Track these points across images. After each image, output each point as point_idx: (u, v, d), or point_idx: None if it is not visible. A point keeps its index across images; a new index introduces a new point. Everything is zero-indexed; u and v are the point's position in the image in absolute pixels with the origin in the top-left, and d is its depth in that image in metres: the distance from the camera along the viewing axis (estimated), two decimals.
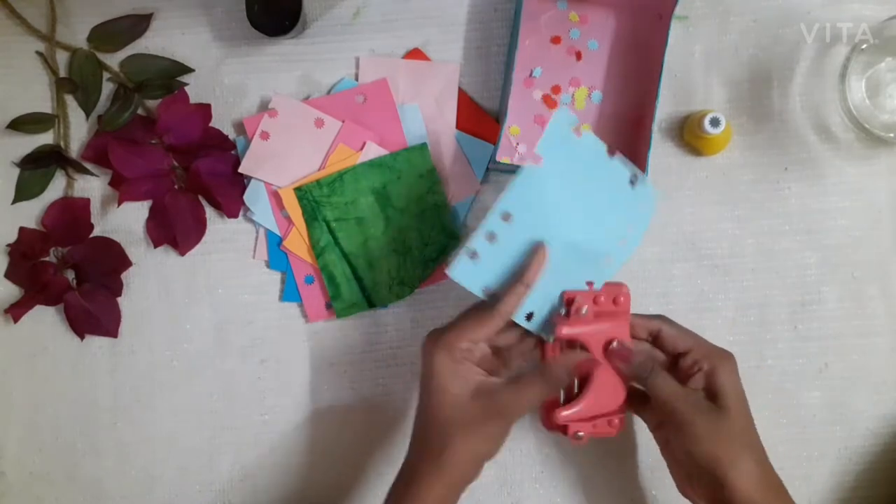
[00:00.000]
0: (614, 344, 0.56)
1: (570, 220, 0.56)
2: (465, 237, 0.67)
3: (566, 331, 0.55)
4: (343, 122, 0.66)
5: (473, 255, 0.54)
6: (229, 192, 0.66)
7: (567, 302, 0.57)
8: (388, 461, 0.67)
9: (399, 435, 0.68)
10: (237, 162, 0.66)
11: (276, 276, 0.67)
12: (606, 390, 0.56)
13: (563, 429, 0.56)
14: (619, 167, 0.58)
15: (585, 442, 0.56)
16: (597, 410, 0.56)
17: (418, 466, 0.54)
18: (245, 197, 0.66)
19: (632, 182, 0.58)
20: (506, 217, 0.54)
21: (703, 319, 0.67)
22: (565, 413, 0.55)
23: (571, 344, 0.57)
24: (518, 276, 0.55)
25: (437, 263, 0.67)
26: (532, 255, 0.55)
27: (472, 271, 0.55)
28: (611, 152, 0.57)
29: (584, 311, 0.56)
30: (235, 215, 0.66)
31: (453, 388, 0.53)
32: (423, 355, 0.55)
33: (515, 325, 0.56)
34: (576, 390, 0.57)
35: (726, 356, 0.56)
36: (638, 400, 0.58)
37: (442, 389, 0.53)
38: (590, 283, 0.57)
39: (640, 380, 0.55)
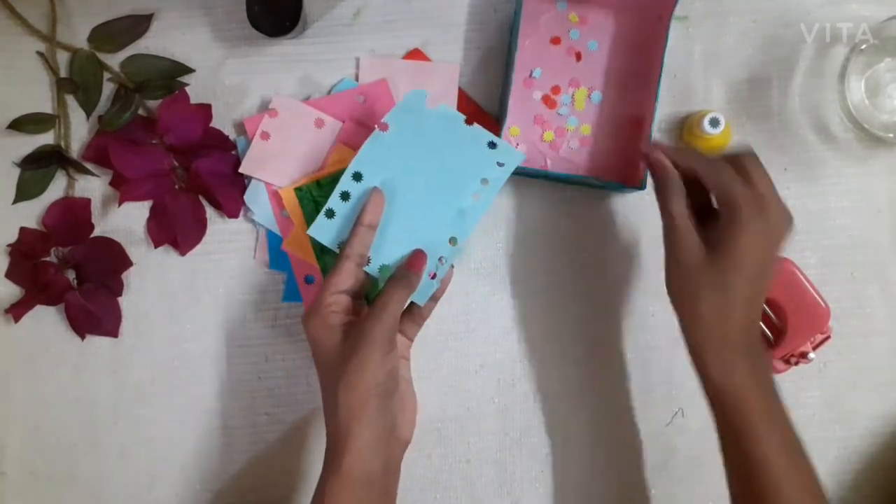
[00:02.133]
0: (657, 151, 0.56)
1: (419, 178, 0.58)
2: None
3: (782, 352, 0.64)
4: (343, 122, 0.66)
5: (330, 213, 0.58)
6: (230, 192, 0.66)
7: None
8: None
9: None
10: (237, 162, 0.66)
11: (276, 276, 0.68)
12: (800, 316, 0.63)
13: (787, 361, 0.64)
14: (479, 132, 0.59)
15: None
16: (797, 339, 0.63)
17: (330, 431, 0.53)
18: (245, 197, 0.66)
19: (491, 145, 0.59)
20: (356, 177, 0.58)
21: None
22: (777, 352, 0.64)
23: None
24: (358, 218, 0.56)
25: None
26: (368, 197, 0.57)
27: (328, 228, 0.58)
28: (469, 122, 0.59)
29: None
30: (236, 215, 0.67)
31: (327, 341, 0.53)
32: (306, 321, 0.54)
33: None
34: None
35: (737, 214, 0.52)
36: None
37: (320, 348, 0.53)
38: (441, 259, 0.58)
39: (658, 196, 0.56)
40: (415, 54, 0.67)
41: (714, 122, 0.63)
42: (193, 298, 0.67)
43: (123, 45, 0.67)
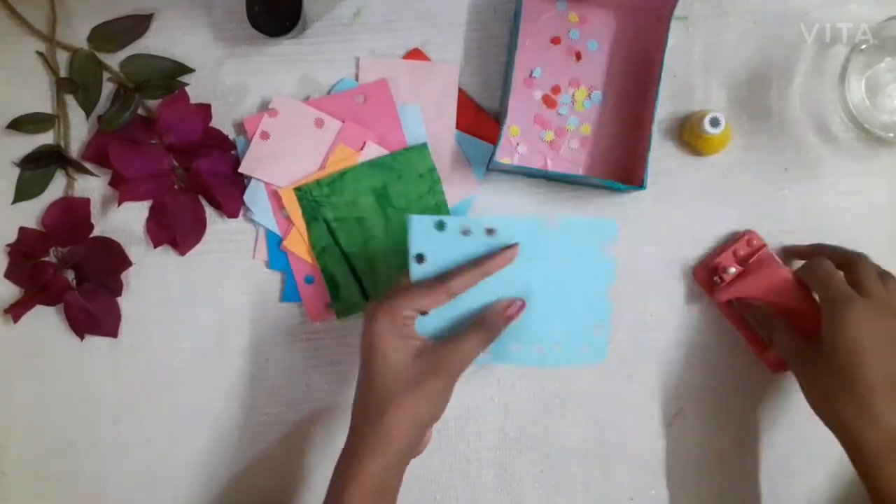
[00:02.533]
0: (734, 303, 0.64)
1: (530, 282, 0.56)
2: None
3: (725, 296, 0.64)
4: (343, 122, 0.66)
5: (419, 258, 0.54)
6: (229, 192, 0.66)
7: (714, 270, 0.65)
8: None
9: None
10: (237, 162, 0.66)
11: (276, 276, 0.67)
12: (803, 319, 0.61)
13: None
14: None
15: None
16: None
17: (359, 439, 0.52)
18: (245, 197, 0.66)
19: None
20: (418, 258, 0.54)
21: None
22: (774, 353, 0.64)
23: None
24: (478, 262, 0.54)
25: None
26: (502, 251, 0.54)
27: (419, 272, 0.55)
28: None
29: (731, 271, 0.64)
30: (235, 215, 0.66)
31: (394, 353, 0.52)
32: (365, 322, 0.53)
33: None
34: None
35: (835, 306, 0.56)
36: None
37: (382, 355, 0.52)
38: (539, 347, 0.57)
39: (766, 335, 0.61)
40: (415, 54, 0.67)
41: (714, 122, 0.63)
42: (193, 298, 0.67)
43: (123, 45, 0.67)
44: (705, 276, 0.66)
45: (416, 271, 0.54)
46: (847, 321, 0.55)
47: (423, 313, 0.54)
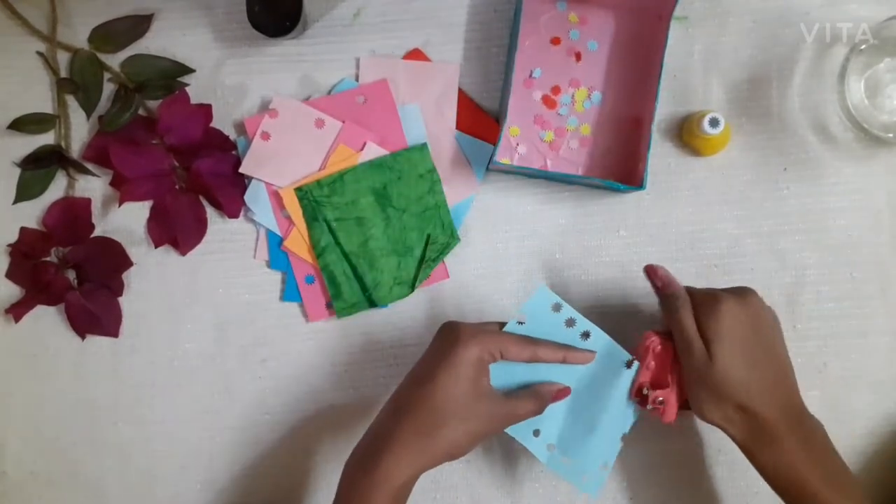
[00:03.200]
0: (658, 270, 0.61)
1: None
2: (465, 237, 0.68)
3: (672, 416, 0.59)
4: (343, 122, 0.66)
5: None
6: (230, 193, 0.66)
7: (642, 397, 0.59)
8: None
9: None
10: (238, 162, 0.66)
11: (276, 276, 0.68)
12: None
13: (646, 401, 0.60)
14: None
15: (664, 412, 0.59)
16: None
17: (402, 436, 0.53)
18: (245, 197, 0.66)
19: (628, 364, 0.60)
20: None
21: None
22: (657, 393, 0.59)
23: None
24: (565, 347, 0.58)
25: (436, 263, 0.67)
26: (585, 351, 0.59)
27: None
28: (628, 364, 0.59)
29: (660, 400, 0.59)
30: (236, 215, 0.67)
31: (467, 383, 0.54)
32: (453, 340, 0.54)
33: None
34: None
35: (709, 301, 0.56)
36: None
37: (457, 378, 0.53)
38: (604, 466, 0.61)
39: (670, 313, 0.58)
40: (415, 54, 0.67)
41: (714, 122, 0.63)
42: (193, 298, 0.67)
43: (124, 46, 0.67)
44: (642, 403, 0.59)
45: (512, 326, 0.58)
46: (725, 317, 0.55)
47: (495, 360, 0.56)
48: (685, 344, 0.56)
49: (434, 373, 0.54)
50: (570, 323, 0.59)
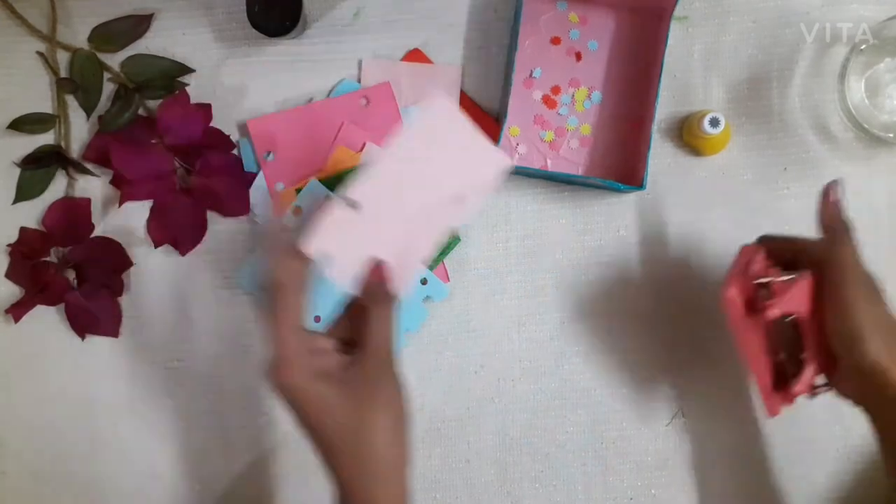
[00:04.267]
0: (835, 184, 0.56)
1: None
2: (466, 237, 0.68)
3: (778, 309, 0.53)
4: (342, 123, 0.66)
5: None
6: (230, 193, 0.66)
7: (758, 287, 0.54)
8: None
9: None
10: (238, 162, 0.66)
11: None
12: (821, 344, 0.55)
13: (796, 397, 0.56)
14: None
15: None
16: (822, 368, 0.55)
17: (353, 497, 0.48)
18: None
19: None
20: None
21: None
22: (800, 386, 0.55)
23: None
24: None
25: (437, 263, 0.67)
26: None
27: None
28: None
29: (791, 276, 0.54)
30: (237, 215, 0.67)
31: (330, 398, 0.47)
32: (277, 391, 0.47)
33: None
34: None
35: (844, 234, 0.53)
36: None
37: (321, 411, 0.47)
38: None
39: (839, 233, 0.54)
40: (415, 54, 0.67)
41: (714, 122, 0.63)
42: (193, 298, 0.67)
43: (124, 45, 0.67)
44: (745, 293, 0.55)
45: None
46: (832, 257, 0.53)
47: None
48: (858, 265, 0.51)
49: (309, 425, 0.48)
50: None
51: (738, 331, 0.55)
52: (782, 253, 0.57)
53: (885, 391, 0.50)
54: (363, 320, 0.49)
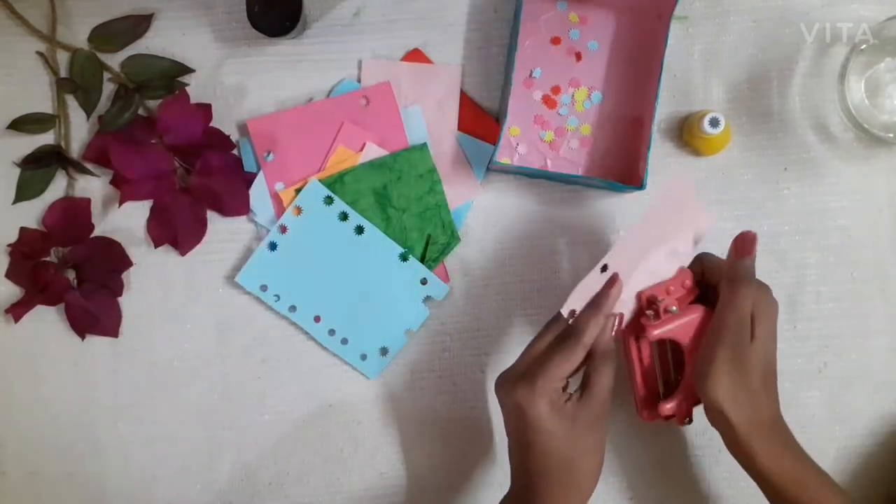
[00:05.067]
0: (748, 235, 0.57)
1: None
2: (466, 237, 0.68)
3: (657, 332, 0.57)
4: (342, 123, 0.66)
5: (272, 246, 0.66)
6: (230, 192, 0.66)
7: (648, 302, 0.58)
8: (389, 461, 0.67)
9: (400, 435, 0.68)
10: (238, 162, 0.66)
11: None
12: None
13: (669, 418, 0.60)
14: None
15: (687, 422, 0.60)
16: (693, 398, 0.59)
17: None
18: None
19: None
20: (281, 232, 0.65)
21: None
22: (669, 405, 0.59)
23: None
24: (595, 304, 0.56)
25: (437, 263, 0.67)
26: (607, 284, 0.56)
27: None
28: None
29: (674, 309, 0.58)
30: (237, 215, 0.67)
31: (560, 429, 0.54)
32: (516, 407, 0.54)
33: None
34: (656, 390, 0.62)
35: (737, 284, 0.55)
36: None
37: (549, 434, 0.54)
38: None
39: (738, 280, 0.55)
40: (415, 54, 0.67)
41: (714, 122, 0.63)
42: (193, 298, 0.67)
43: (123, 45, 0.67)
44: (636, 310, 0.60)
45: (287, 218, 0.64)
46: (732, 305, 0.55)
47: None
48: (737, 315, 0.54)
49: (528, 440, 0.54)
50: (344, 217, 0.65)
51: (621, 339, 0.60)
52: (711, 276, 0.59)
53: (728, 430, 0.55)
54: (591, 367, 0.56)
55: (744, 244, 0.56)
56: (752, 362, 0.54)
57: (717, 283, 0.57)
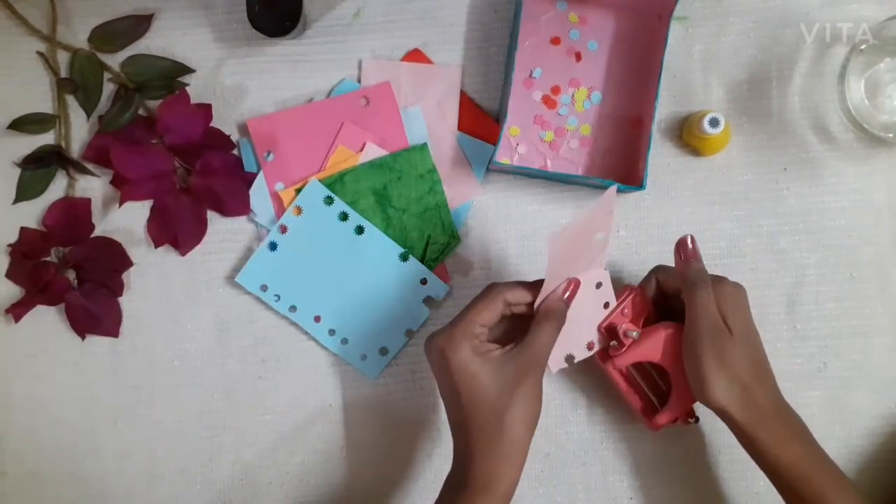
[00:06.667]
0: (686, 240, 0.59)
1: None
2: (466, 237, 0.68)
3: (622, 362, 0.60)
4: (342, 123, 0.66)
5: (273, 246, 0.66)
6: (230, 192, 0.66)
7: (609, 332, 0.60)
8: (389, 461, 0.67)
9: (400, 434, 0.68)
10: (238, 162, 0.66)
11: None
12: (683, 385, 0.59)
13: (672, 423, 0.62)
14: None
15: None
16: (685, 403, 0.61)
17: (481, 466, 0.53)
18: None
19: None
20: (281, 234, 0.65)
21: None
22: (663, 418, 0.61)
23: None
24: (532, 284, 0.57)
25: (437, 263, 0.67)
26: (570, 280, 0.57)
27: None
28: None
29: (633, 334, 0.59)
30: (237, 215, 0.67)
31: (484, 374, 0.53)
32: (439, 356, 0.54)
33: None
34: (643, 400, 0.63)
35: (719, 283, 0.57)
36: None
37: (472, 379, 0.53)
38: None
39: (694, 286, 0.57)
40: (415, 54, 0.67)
41: (714, 122, 0.63)
42: (193, 298, 0.67)
43: (124, 46, 0.67)
44: (602, 340, 0.61)
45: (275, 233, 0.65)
46: (701, 303, 0.56)
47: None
48: (707, 318, 0.55)
49: (455, 389, 0.54)
50: (344, 217, 0.65)
51: (602, 367, 0.62)
52: (670, 285, 0.60)
53: (735, 428, 0.56)
54: (533, 322, 0.55)
55: (685, 250, 0.59)
56: (737, 357, 0.55)
57: (676, 289, 0.59)
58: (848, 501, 0.54)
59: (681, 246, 0.59)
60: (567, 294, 0.57)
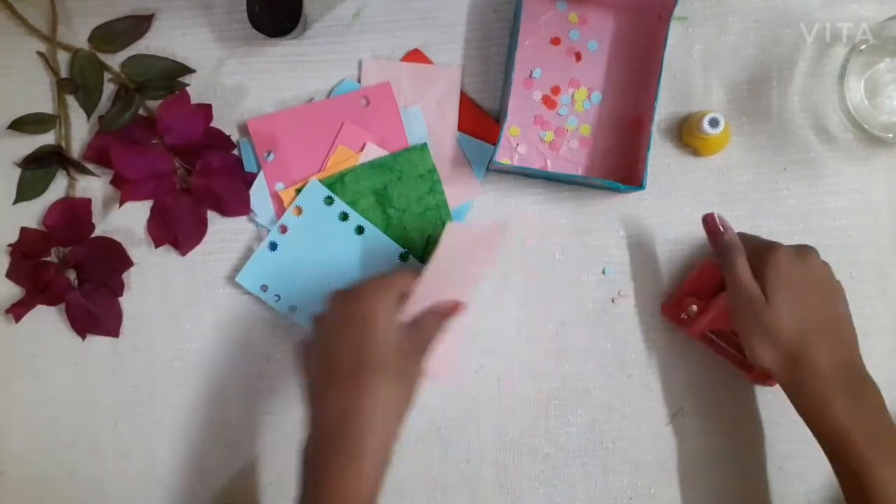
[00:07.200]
0: (707, 217, 0.61)
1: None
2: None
3: (696, 332, 0.65)
4: (342, 123, 0.66)
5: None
6: (230, 192, 0.66)
7: (679, 306, 0.65)
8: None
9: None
10: (238, 162, 0.66)
11: None
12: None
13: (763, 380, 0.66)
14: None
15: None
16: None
17: (352, 416, 0.52)
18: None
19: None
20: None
21: None
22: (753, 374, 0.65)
23: None
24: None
25: None
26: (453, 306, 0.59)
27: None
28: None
29: (693, 309, 0.64)
30: (237, 215, 0.67)
31: (394, 330, 0.54)
32: (370, 295, 0.55)
33: None
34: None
35: (766, 250, 0.57)
36: None
37: (384, 328, 0.54)
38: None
39: (725, 259, 0.59)
40: (415, 55, 0.67)
41: (714, 123, 0.63)
42: (193, 298, 0.67)
43: (124, 46, 0.67)
44: (673, 313, 0.66)
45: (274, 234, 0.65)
46: (772, 265, 0.57)
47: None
48: (741, 287, 0.57)
49: (351, 332, 0.54)
50: (344, 217, 0.65)
51: (687, 333, 0.65)
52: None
53: (784, 386, 0.58)
54: (428, 317, 0.57)
55: (712, 226, 0.61)
56: (776, 324, 0.56)
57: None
58: (891, 470, 0.53)
59: (708, 223, 0.61)
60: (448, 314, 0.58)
